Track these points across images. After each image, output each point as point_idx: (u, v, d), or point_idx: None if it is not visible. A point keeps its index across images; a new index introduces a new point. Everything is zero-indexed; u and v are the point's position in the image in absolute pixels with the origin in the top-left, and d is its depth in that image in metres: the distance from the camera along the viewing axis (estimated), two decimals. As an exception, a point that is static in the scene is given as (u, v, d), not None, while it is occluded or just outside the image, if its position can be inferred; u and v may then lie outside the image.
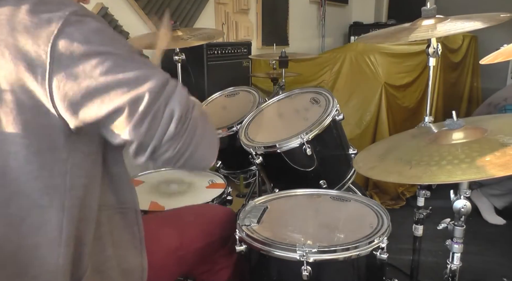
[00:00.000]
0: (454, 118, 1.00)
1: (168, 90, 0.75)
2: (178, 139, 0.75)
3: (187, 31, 1.95)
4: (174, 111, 0.74)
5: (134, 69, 0.73)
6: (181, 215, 1.27)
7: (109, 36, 0.75)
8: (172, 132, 0.74)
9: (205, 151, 0.82)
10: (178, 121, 0.74)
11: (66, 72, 0.69)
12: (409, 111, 2.92)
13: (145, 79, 0.73)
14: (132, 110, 0.72)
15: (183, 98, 0.76)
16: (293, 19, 4.19)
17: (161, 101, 0.73)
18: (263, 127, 1.64)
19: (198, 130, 0.77)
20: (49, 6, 0.71)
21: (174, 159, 0.76)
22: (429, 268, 1.97)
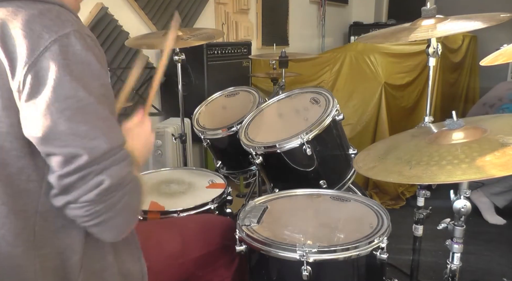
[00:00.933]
0: (454, 118, 1.00)
1: (111, 159, 0.73)
2: (94, 205, 0.73)
3: (187, 31, 1.95)
4: (103, 182, 0.73)
5: (90, 123, 0.72)
6: (182, 223, 1.27)
7: (90, 73, 0.74)
8: (91, 198, 0.72)
9: (114, 228, 0.79)
10: (101, 192, 0.73)
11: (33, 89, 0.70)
12: (407, 110, 2.92)
13: (93, 139, 0.72)
14: (65, 163, 0.71)
15: (122, 173, 0.75)
16: (293, 19, 4.19)
17: (95, 168, 0.72)
18: (263, 127, 1.64)
19: (117, 206, 0.76)
20: (45, 20, 0.72)
21: (81, 218, 0.75)
22: (429, 268, 1.97)
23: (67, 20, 0.74)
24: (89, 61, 0.73)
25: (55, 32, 0.71)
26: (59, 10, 0.74)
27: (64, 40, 0.71)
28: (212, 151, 1.90)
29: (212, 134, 1.77)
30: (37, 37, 0.70)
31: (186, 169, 1.93)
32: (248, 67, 3.03)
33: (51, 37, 0.70)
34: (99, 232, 0.79)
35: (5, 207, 0.75)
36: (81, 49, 0.72)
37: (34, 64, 0.69)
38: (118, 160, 0.75)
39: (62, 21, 0.73)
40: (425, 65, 1.44)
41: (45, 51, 0.70)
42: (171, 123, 2.58)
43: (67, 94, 0.70)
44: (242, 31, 3.45)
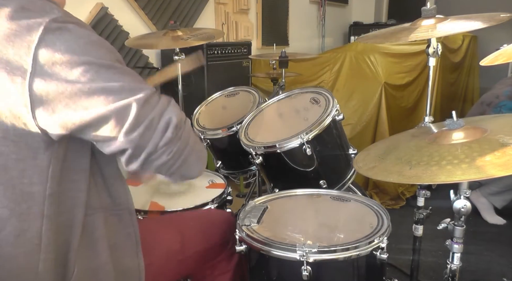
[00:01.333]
0: (454, 118, 0.99)
1: (160, 103, 0.76)
2: (173, 144, 0.75)
3: (187, 31, 1.95)
4: (171, 119, 0.75)
5: (117, 80, 0.73)
6: (181, 219, 1.27)
7: (92, 43, 0.73)
8: (169, 138, 0.74)
9: (196, 161, 0.83)
10: (174, 128, 0.75)
11: (47, 81, 0.69)
12: (407, 110, 2.92)
13: (130, 91, 0.73)
14: (120, 119, 0.71)
15: (177, 110, 0.78)
16: (293, 19, 4.19)
17: (154, 112, 0.74)
18: (263, 127, 1.64)
19: (191, 139, 0.79)
20: (29, 13, 0.70)
21: (167, 164, 0.77)
22: (429, 268, 1.97)
23: (52, 8, 0.72)
24: (86, 34, 0.73)
25: (43, 20, 0.69)
26: (42, 2, 0.73)
27: (53, 25, 0.70)
28: (212, 151, 1.90)
29: (212, 134, 1.77)
30: (26, 30, 0.68)
31: (186, 169, 1.92)
32: (248, 67, 3.03)
33: (40, 26, 0.68)
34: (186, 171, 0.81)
35: (6, 210, 0.74)
36: (73, 27, 0.72)
37: (35, 60, 0.68)
38: (166, 101, 0.77)
39: (46, 11, 0.71)
40: (425, 65, 1.44)
41: (40, 42, 0.68)
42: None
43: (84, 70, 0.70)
44: (242, 31, 3.45)
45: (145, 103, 0.73)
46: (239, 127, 1.66)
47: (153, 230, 1.15)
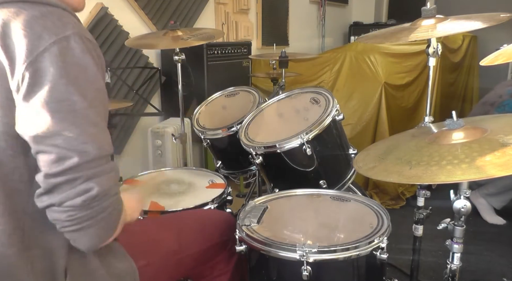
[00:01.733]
0: (454, 118, 0.99)
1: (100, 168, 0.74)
2: (78, 211, 0.73)
3: (187, 31, 1.95)
4: (92, 189, 0.73)
5: (81, 127, 0.72)
6: (180, 219, 1.27)
7: (87, 77, 0.74)
8: (77, 204, 0.72)
9: (95, 236, 0.79)
10: (88, 199, 0.73)
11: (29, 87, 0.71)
12: (407, 110, 2.92)
13: (85, 143, 0.72)
14: (54, 162, 0.71)
15: (109, 183, 0.76)
16: (293, 19, 4.19)
17: (84, 173, 0.72)
18: (263, 127, 1.64)
19: (99, 216, 0.76)
20: (47, 22, 0.73)
21: (63, 223, 0.75)
22: (429, 268, 1.97)
23: (68, 23, 0.75)
24: (86, 65, 0.74)
25: (55, 34, 0.72)
26: (61, 13, 0.75)
27: (63, 43, 0.72)
28: (212, 151, 1.90)
29: (212, 134, 1.77)
30: (37, 37, 0.71)
31: (186, 169, 1.93)
32: (248, 67, 3.03)
33: (51, 39, 0.71)
34: (76, 239, 0.79)
35: (1, 206, 0.75)
36: (79, 53, 0.73)
37: (32, 64, 0.70)
38: (108, 170, 0.75)
39: (63, 24, 0.74)
40: (425, 65, 1.44)
41: (44, 52, 0.70)
42: (171, 123, 2.58)
43: (61, 96, 0.71)
44: (242, 31, 3.45)
45: (87, 162, 0.72)
46: (239, 127, 1.66)
47: (151, 230, 1.15)
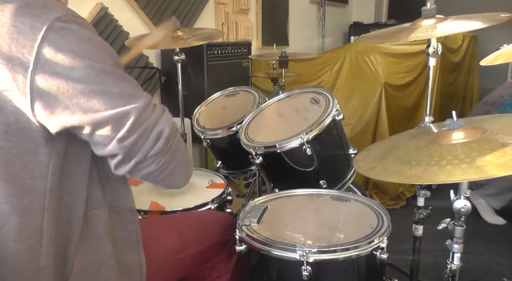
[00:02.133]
0: (454, 118, 0.99)
1: (156, 112, 0.78)
2: (162, 155, 0.77)
3: (187, 31, 1.95)
4: (163, 130, 0.77)
5: (117, 86, 0.74)
6: (181, 219, 1.27)
7: (95, 46, 0.74)
8: (159, 148, 0.76)
9: (182, 173, 0.86)
10: (165, 140, 0.77)
11: (47, 81, 0.69)
12: (407, 110, 2.92)
13: (129, 97, 0.74)
14: (116, 126, 0.73)
15: (170, 120, 0.80)
16: (293, 19, 4.19)
17: (149, 121, 0.76)
18: (263, 127, 1.64)
19: (179, 151, 0.81)
20: (33, 10, 0.70)
21: (155, 173, 0.79)
22: (429, 268, 1.97)
23: (55, 6, 0.73)
24: (88, 36, 0.74)
25: (46, 19, 0.70)
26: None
27: (57, 24, 0.70)
28: (212, 151, 1.90)
29: (212, 134, 1.77)
30: (29, 29, 0.69)
31: (186, 169, 1.92)
32: (248, 67, 3.03)
33: (44, 25, 0.69)
34: (171, 182, 0.84)
35: (7, 205, 0.75)
36: (76, 28, 0.72)
37: (38, 59, 0.69)
38: (161, 109, 0.79)
39: (50, 8, 0.71)
40: (425, 65, 1.43)
41: (43, 42, 0.69)
42: (171, 123, 2.57)
43: (85, 74, 0.71)
44: (242, 31, 3.45)
45: (142, 112, 0.75)
46: (239, 127, 1.66)
47: (152, 229, 1.15)
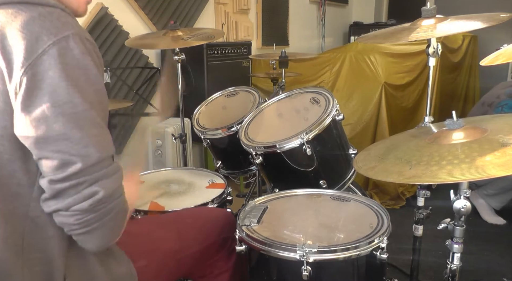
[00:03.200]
0: (454, 118, 0.99)
1: (103, 171, 0.74)
2: (86, 214, 0.74)
3: (187, 31, 1.95)
4: (98, 193, 0.73)
5: (83, 130, 0.72)
6: (180, 218, 1.27)
7: (87, 78, 0.73)
8: (84, 208, 0.73)
9: (102, 238, 0.80)
10: (95, 202, 0.73)
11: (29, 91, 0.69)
12: (407, 110, 2.92)
13: (85, 147, 0.72)
14: (57, 167, 0.71)
15: (114, 186, 0.76)
16: (293, 19, 4.19)
17: (89, 178, 0.73)
18: (263, 127, 1.64)
19: (108, 217, 0.77)
20: (45, 22, 0.71)
21: (71, 226, 0.76)
22: (429, 268, 1.97)
23: (67, 23, 0.73)
24: (86, 66, 0.73)
25: (54, 35, 0.70)
26: (59, 13, 0.74)
27: (62, 43, 0.71)
28: (212, 151, 1.90)
29: (212, 134, 1.77)
30: (35, 39, 0.70)
31: (186, 169, 1.93)
32: (248, 67, 3.03)
33: (50, 40, 0.70)
34: (85, 242, 0.79)
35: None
36: (79, 54, 0.72)
37: (31, 67, 0.69)
38: (111, 172, 0.76)
39: (62, 24, 0.73)
40: (425, 65, 1.44)
41: (43, 54, 0.69)
42: (171, 123, 2.58)
43: (63, 99, 0.70)
44: (242, 31, 3.45)
45: (89, 167, 0.72)
46: (239, 127, 1.66)
47: (150, 229, 1.15)
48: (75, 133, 0.71)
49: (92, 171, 0.73)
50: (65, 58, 0.71)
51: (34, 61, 0.69)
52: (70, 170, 0.71)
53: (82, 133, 0.72)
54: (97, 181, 0.74)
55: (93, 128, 0.74)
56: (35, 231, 0.78)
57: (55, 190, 0.73)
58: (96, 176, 0.73)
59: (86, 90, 0.73)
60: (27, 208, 0.77)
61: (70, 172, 0.71)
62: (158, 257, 1.07)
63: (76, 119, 0.71)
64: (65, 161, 0.71)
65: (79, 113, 0.72)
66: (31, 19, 0.71)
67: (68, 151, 0.71)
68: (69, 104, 0.71)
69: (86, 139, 0.72)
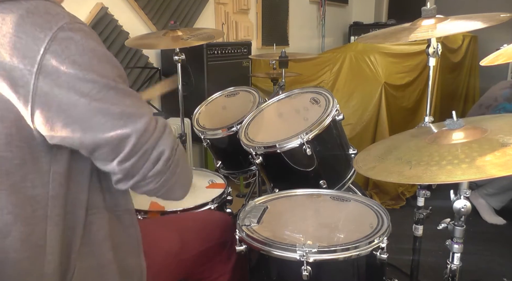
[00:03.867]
0: (454, 118, 0.99)
1: (156, 132, 0.76)
2: (162, 175, 0.78)
3: (187, 31, 1.95)
4: (164, 152, 0.76)
5: (119, 103, 0.72)
6: (180, 220, 1.27)
7: (98, 58, 0.72)
8: (158, 170, 0.76)
9: (180, 188, 0.86)
10: (165, 161, 0.77)
11: (49, 95, 0.68)
12: (407, 111, 2.92)
13: (129, 117, 0.73)
14: (115, 149, 0.73)
15: (171, 139, 0.79)
16: (293, 19, 4.19)
17: (149, 144, 0.75)
18: (263, 127, 1.64)
19: (179, 168, 0.81)
20: (35, 18, 0.68)
21: (154, 191, 0.80)
22: (429, 268, 1.97)
23: (57, 13, 0.71)
24: (93, 47, 0.72)
25: (49, 29, 0.68)
26: (45, 5, 0.71)
27: (61, 35, 0.68)
28: (212, 151, 1.90)
29: (212, 134, 1.77)
30: (32, 39, 0.67)
31: (186, 169, 1.92)
32: (248, 67, 3.03)
33: (47, 36, 0.67)
34: (170, 196, 0.84)
35: (11, 216, 0.74)
36: (81, 39, 0.70)
37: (40, 71, 0.67)
38: (162, 128, 0.78)
39: (52, 16, 0.70)
40: (425, 65, 1.43)
41: (46, 53, 0.67)
42: (171, 123, 2.58)
43: (86, 88, 0.69)
44: (242, 31, 3.45)
45: (142, 134, 0.74)
46: (239, 127, 1.66)
47: (152, 230, 1.15)
48: (115, 109, 0.71)
49: (148, 136, 0.74)
50: (69, 50, 0.69)
51: (40, 63, 0.67)
52: (129, 144, 0.72)
53: (120, 107, 0.72)
54: (157, 142, 0.76)
55: (127, 99, 0.74)
56: (56, 230, 0.78)
57: (127, 169, 0.75)
58: (153, 138, 0.75)
59: (103, 70, 0.72)
60: (45, 208, 0.76)
61: (130, 146, 0.73)
62: (159, 258, 1.07)
63: (108, 98, 0.71)
64: (120, 138, 0.72)
65: (108, 92, 0.71)
66: (20, 19, 0.68)
67: (117, 128, 0.72)
68: (95, 90, 0.70)
69: (126, 110, 0.73)
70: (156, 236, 1.13)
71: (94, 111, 0.70)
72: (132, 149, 0.73)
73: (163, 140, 0.77)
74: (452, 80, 3.50)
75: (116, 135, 0.72)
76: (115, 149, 0.73)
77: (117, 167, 0.74)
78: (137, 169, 0.75)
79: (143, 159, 0.75)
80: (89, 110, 0.70)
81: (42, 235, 0.77)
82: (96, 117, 0.71)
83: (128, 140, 0.73)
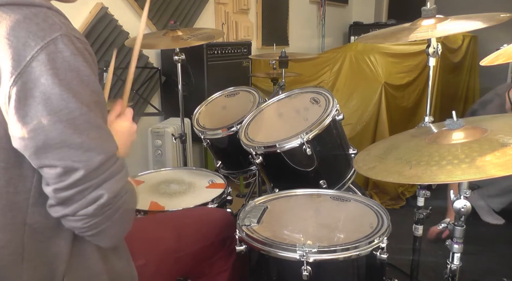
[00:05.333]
0: (454, 118, 0.99)
1: (108, 173, 0.73)
2: (92, 218, 0.73)
3: (187, 31, 1.95)
4: (102, 196, 0.72)
5: (82, 134, 0.70)
6: (179, 218, 1.27)
7: (80, 79, 0.70)
8: (90, 212, 0.72)
9: (111, 236, 0.81)
10: (99, 206, 0.72)
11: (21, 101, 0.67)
12: (407, 110, 2.92)
13: (88, 152, 0.70)
14: (59, 176, 0.70)
15: (120, 184, 0.75)
16: (293, 19, 4.19)
17: (92, 182, 0.71)
18: (263, 127, 1.64)
19: (118, 214, 0.76)
20: (31, 25, 0.68)
21: (80, 229, 0.76)
22: (429, 268, 1.97)
23: (54, 23, 0.70)
24: (78, 67, 0.70)
25: (41, 39, 0.67)
26: (46, 13, 0.70)
27: (51, 47, 0.67)
28: (212, 151, 1.90)
29: (212, 134, 1.77)
30: (22, 45, 0.66)
31: (186, 169, 1.93)
32: (248, 67, 3.03)
33: (37, 45, 0.66)
34: (97, 240, 0.80)
35: None
36: (70, 55, 0.69)
37: (21, 76, 0.66)
38: (115, 172, 0.74)
39: (49, 25, 0.69)
40: (425, 65, 1.44)
41: (32, 61, 0.66)
42: (171, 123, 2.58)
43: (58, 106, 0.68)
44: (242, 31, 3.45)
45: (92, 171, 0.71)
46: (239, 127, 1.66)
47: (150, 228, 1.15)
48: (75, 139, 0.69)
49: (96, 175, 0.71)
50: (55, 63, 0.67)
51: (23, 69, 0.66)
52: (74, 177, 0.70)
53: (82, 138, 0.70)
54: (101, 184, 0.72)
55: (93, 131, 0.71)
56: (34, 238, 0.77)
57: (61, 198, 0.72)
58: (100, 179, 0.72)
59: (81, 93, 0.70)
60: (25, 215, 0.75)
61: (73, 179, 0.70)
62: (157, 256, 1.07)
63: (74, 125, 0.69)
64: (67, 169, 0.69)
65: (76, 118, 0.69)
66: (16, 23, 0.67)
67: (69, 158, 0.69)
68: (65, 110, 0.68)
69: (87, 143, 0.70)
70: (153, 234, 1.13)
71: (55, 132, 0.68)
72: (75, 182, 0.70)
73: (109, 184, 0.73)
74: (452, 80, 3.50)
75: (65, 164, 0.69)
76: (58, 177, 0.70)
77: (53, 193, 0.71)
78: (70, 203, 0.72)
79: (81, 195, 0.71)
80: (53, 130, 0.68)
81: (20, 242, 0.76)
82: (54, 140, 0.68)
83: (74, 173, 0.70)
